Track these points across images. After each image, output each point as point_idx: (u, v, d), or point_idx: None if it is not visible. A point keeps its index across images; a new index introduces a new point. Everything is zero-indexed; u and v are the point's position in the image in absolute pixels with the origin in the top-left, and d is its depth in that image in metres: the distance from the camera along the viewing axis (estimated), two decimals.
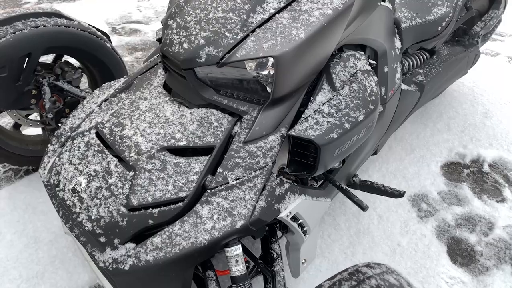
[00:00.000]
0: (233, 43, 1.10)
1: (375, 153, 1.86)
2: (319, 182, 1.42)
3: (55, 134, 1.33)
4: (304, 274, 1.60)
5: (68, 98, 1.75)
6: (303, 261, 1.33)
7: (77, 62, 1.84)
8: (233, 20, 1.12)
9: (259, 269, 1.24)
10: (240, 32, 1.10)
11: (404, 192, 1.40)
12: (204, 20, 1.15)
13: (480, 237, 1.84)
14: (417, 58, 2.01)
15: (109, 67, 1.83)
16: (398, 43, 1.64)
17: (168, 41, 1.20)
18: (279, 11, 1.14)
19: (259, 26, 1.12)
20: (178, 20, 1.22)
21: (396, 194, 1.42)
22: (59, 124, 1.59)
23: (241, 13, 1.12)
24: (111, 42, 1.83)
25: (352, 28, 1.25)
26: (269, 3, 1.13)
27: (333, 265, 1.66)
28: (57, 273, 1.56)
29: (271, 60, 1.08)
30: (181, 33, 1.17)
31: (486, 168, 2.23)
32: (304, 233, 1.21)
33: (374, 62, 1.44)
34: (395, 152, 2.27)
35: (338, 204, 1.91)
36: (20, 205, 1.82)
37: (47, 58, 1.90)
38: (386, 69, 1.49)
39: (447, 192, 2.07)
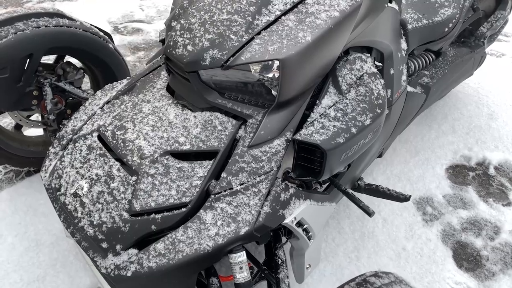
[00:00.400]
0: (238, 46, 1.07)
1: (380, 155, 1.84)
2: (324, 186, 1.40)
3: (56, 136, 1.32)
4: (308, 279, 1.58)
5: (70, 99, 1.73)
6: (308, 266, 1.31)
7: (79, 62, 1.82)
8: (238, 22, 1.10)
9: (263, 275, 1.22)
10: (245, 34, 1.08)
11: (410, 196, 1.38)
12: (209, 22, 1.13)
13: (486, 241, 1.82)
14: (423, 59, 1.99)
15: (112, 67, 1.82)
16: (404, 45, 1.61)
17: (171, 43, 1.18)
18: (285, 13, 1.11)
19: (265, 28, 1.09)
20: (182, 21, 1.20)
21: (402, 198, 1.40)
22: (61, 126, 1.58)
23: (246, 15, 1.10)
24: (113, 43, 1.81)
25: (359, 30, 1.23)
26: (275, 5, 1.11)
27: (337, 269, 1.64)
28: (59, 277, 1.54)
29: (276, 63, 1.06)
30: (185, 35, 1.15)
31: (491, 171, 2.20)
32: (309, 238, 1.19)
33: (380, 64, 1.42)
34: (400, 155, 2.24)
35: (343, 208, 1.89)
36: (21, 207, 1.80)
37: (49, 58, 1.88)
38: (392, 71, 1.47)
39: (452, 195, 2.04)
